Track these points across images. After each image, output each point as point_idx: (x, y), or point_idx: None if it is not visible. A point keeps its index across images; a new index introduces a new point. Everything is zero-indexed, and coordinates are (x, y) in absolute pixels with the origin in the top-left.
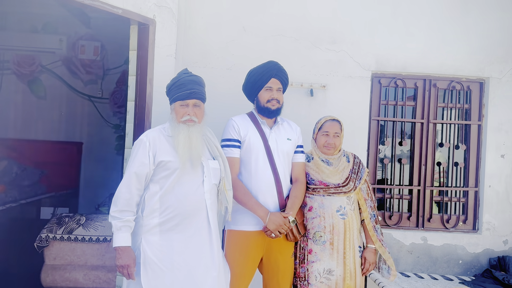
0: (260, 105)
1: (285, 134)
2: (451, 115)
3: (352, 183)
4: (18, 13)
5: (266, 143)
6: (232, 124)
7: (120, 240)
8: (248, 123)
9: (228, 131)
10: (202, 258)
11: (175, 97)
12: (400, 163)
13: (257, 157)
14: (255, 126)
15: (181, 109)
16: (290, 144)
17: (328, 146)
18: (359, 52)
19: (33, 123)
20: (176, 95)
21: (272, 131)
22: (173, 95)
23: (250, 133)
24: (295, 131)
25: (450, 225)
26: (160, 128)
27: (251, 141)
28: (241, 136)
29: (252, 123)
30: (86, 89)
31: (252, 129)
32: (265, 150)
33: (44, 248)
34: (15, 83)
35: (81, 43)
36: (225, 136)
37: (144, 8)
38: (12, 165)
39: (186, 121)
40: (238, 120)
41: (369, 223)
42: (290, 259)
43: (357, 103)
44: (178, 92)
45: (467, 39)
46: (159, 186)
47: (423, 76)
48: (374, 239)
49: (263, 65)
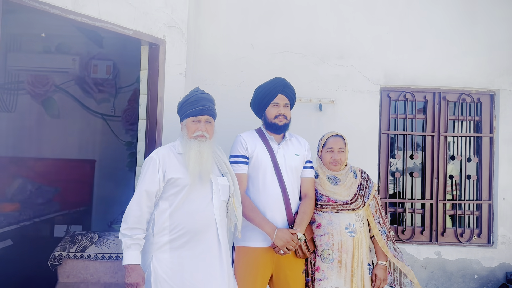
0: (267, 121)
1: (294, 150)
2: (462, 127)
3: (361, 199)
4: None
5: (274, 159)
6: (240, 140)
7: (129, 258)
8: (256, 139)
9: (236, 147)
10: (212, 276)
11: (187, 113)
12: (412, 176)
13: (265, 173)
14: (263, 142)
15: (193, 125)
16: (299, 160)
17: (334, 162)
18: (367, 67)
19: (46, 141)
20: (188, 111)
21: (280, 147)
22: (186, 111)
23: (258, 149)
24: (304, 147)
25: (464, 239)
26: (170, 146)
27: (259, 157)
28: (249, 152)
29: (260, 139)
30: (98, 107)
31: (260, 145)
32: (273, 165)
33: (57, 266)
34: (30, 102)
35: (93, 62)
36: (233, 152)
37: (154, 29)
38: (26, 184)
39: (198, 137)
40: (246, 137)
41: (381, 239)
42: (301, 276)
43: (366, 117)
44: (190, 108)
45: (476, 51)
46: (168, 203)
47: (433, 89)
48: (390, 255)
49: (270, 81)
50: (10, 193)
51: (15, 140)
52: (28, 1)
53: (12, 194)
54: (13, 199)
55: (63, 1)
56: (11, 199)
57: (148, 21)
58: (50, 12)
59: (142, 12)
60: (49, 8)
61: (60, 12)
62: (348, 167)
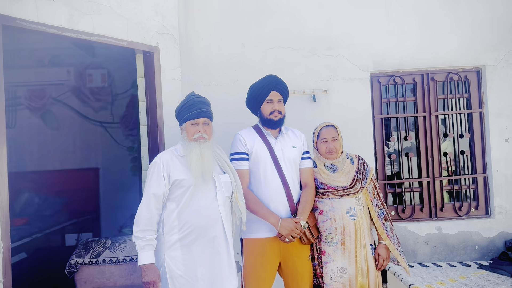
0: (263, 117)
1: (290, 143)
2: (452, 105)
3: (359, 183)
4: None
5: (273, 153)
6: (238, 138)
7: (144, 258)
8: (254, 135)
9: (236, 145)
10: (222, 268)
11: (185, 117)
12: (407, 157)
13: (265, 167)
14: (260, 137)
15: (192, 128)
16: (296, 152)
17: (330, 151)
18: (356, 55)
19: (49, 154)
20: (186, 115)
21: (277, 141)
22: (183, 116)
23: (256, 145)
24: (300, 138)
25: (463, 213)
26: (172, 149)
27: (258, 152)
28: (248, 148)
29: (258, 135)
30: (97, 115)
31: (258, 141)
32: (272, 159)
33: (74, 274)
34: (29, 117)
35: (88, 72)
36: (233, 150)
37: (147, 37)
38: (33, 197)
39: (197, 138)
40: (244, 134)
41: (377, 221)
42: (308, 261)
43: (359, 104)
44: (188, 112)
45: (459, 30)
46: (175, 203)
47: (420, 71)
48: (384, 236)
49: (262, 79)
50: (18, 208)
51: (17, 155)
52: (26, 24)
53: (20, 209)
54: (22, 213)
55: (58, 20)
56: (20, 213)
57: (140, 31)
58: (47, 31)
59: (134, 22)
60: (46, 28)
61: (56, 30)
62: (345, 154)
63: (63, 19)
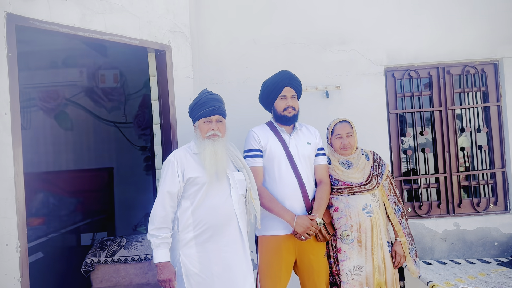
0: (277, 114)
1: (305, 139)
2: (468, 99)
3: (375, 180)
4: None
5: (287, 150)
6: (252, 135)
7: (160, 256)
8: (268, 132)
9: (249, 142)
10: (238, 265)
11: (198, 115)
12: (423, 152)
13: (280, 164)
14: (274, 134)
15: (205, 125)
16: (310, 148)
17: (345, 147)
18: (370, 49)
19: (63, 154)
20: (199, 113)
21: (291, 137)
22: (197, 113)
23: (270, 142)
24: (314, 135)
25: (481, 208)
26: (185, 147)
27: (272, 149)
28: (262, 145)
29: (272, 132)
30: (110, 116)
31: (272, 138)
32: (287, 156)
33: (90, 273)
34: (43, 118)
35: (100, 72)
36: (247, 147)
37: (159, 36)
38: (48, 197)
39: (211, 136)
40: (257, 131)
41: (394, 218)
42: (323, 259)
43: (373, 99)
44: (201, 110)
45: (476, 22)
46: (190, 201)
47: (436, 64)
48: (401, 234)
49: (276, 75)
50: (34, 208)
51: (32, 156)
52: (39, 24)
53: (36, 209)
54: (37, 213)
55: (71, 20)
56: (36, 213)
57: (152, 29)
58: (60, 31)
59: (146, 21)
60: (59, 27)
61: (69, 30)
62: (359, 150)
63: (75, 18)
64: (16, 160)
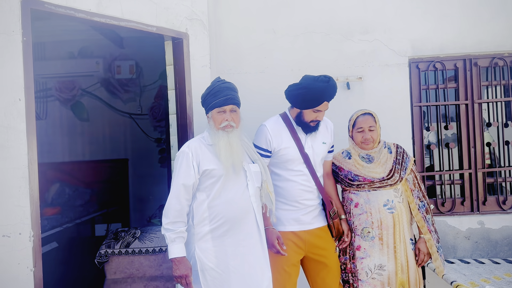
0: (301, 120)
1: (321, 138)
2: (496, 93)
3: (397, 174)
4: (55, 42)
5: (303, 151)
6: (265, 133)
7: (175, 251)
8: (283, 129)
9: (261, 139)
10: (256, 260)
11: (212, 104)
12: (448, 147)
13: (293, 164)
14: (290, 132)
15: (219, 116)
16: (325, 148)
17: (366, 142)
18: (393, 39)
19: (79, 145)
20: (213, 102)
21: (308, 137)
22: (210, 103)
23: (284, 143)
24: (329, 132)
25: (507, 207)
26: (199, 137)
27: (287, 151)
28: (273, 147)
29: (287, 129)
30: (125, 107)
31: (287, 137)
32: (302, 157)
33: (104, 264)
34: (59, 108)
35: (116, 63)
36: (257, 143)
37: (176, 23)
38: (64, 187)
39: (225, 127)
40: (271, 128)
41: (417, 214)
42: (334, 254)
43: (396, 91)
44: (214, 99)
45: (506, 12)
46: (205, 194)
47: (463, 56)
48: (425, 231)
49: (320, 87)
50: (50, 198)
51: (49, 146)
52: (54, 8)
53: (51, 199)
54: (53, 203)
55: (87, 5)
56: (51, 203)
57: (169, 16)
58: (76, 16)
59: (163, 7)
60: (75, 12)
61: (85, 15)
62: (382, 143)
63: (92, 3)
64: (30, 147)
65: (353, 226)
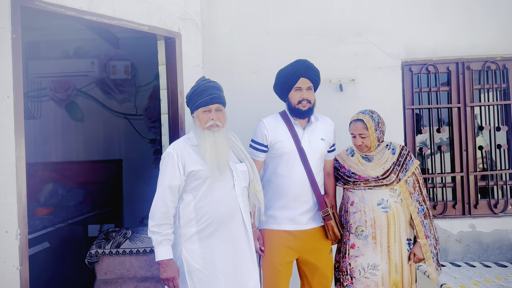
0: (291, 106)
1: (319, 134)
2: (488, 96)
3: (394, 175)
4: (50, 42)
5: (299, 145)
6: (261, 129)
7: (162, 253)
8: (280, 124)
9: (257, 134)
10: (243, 260)
11: (197, 104)
12: (440, 150)
13: (289, 159)
14: (287, 126)
15: (204, 115)
16: (324, 144)
17: (360, 148)
18: (387, 42)
19: (73, 145)
20: (198, 102)
21: (305, 132)
22: (195, 103)
23: (281, 135)
24: (330, 129)
25: (498, 210)
26: (185, 138)
27: (283, 143)
28: (270, 141)
29: (285, 123)
30: (120, 107)
31: (284, 131)
32: (298, 151)
33: (94, 264)
34: (54, 108)
35: (112, 63)
36: (254, 138)
37: (169, 23)
38: (57, 187)
39: (211, 127)
40: (268, 123)
41: (416, 217)
42: (329, 256)
43: (389, 94)
44: (199, 99)
45: (498, 17)
46: (192, 195)
47: (455, 59)
48: (421, 235)
49: (292, 64)
50: (43, 198)
51: (43, 146)
52: (45, 6)
53: (44, 199)
54: (46, 203)
55: (78, 2)
56: (44, 203)
57: (162, 15)
58: (67, 14)
59: (155, 6)
60: (65, 10)
61: (76, 13)
62: (383, 145)
63: (83, 1)
64: (18, 145)
65: (348, 224)
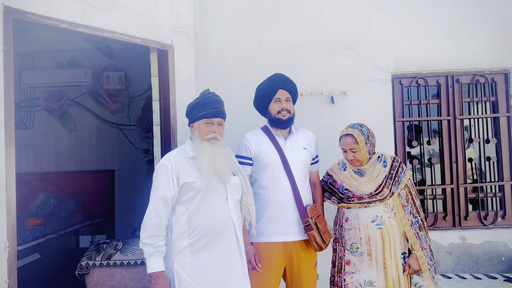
0: (271, 117)
1: (301, 144)
2: (478, 109)
3: (387, 189)
4: (44, 52)
5: (282, 154)
6: (244, 142)
7: (154, 265)
8: (262, 137)
9: (241, 148)
10: (235, 273)
11: (200, 115)
12: (430, 162)
13: (274, 169)
14: (269, 138)
15: (206, 127)
16: (307, 153)
17: (351, 162)
18: (377, 55)
19: (66, 155)
20: (201, 113)
21: (287, 142)
22: (198, 113)
23: (264, 147)
24: (312, 140)
25: (488, 222)
26: (179, 150)
27: (266, 154)
28: (253, 153)
29: (266, 136)
30: (113, 118)
31: (266, 142)
32: (282, 161)
33: (85, 276)
34: (46, 118)
35: (105, 74)
36: (238, 153)
37: (161, 35)
38: (49, 198)
39: (211, 139)
40: (250, 137)
41: (410, 230)
42: (313, 270)
43: (379, 106)
44: (203, 110)
45: (486, 30)
46: (185, 207)
47: (445, 72)
48: (417, 248)
49: (269, 78)
50: (34, 208)
51: (35, 156)
52: (37, 18)
53: (36, 209)
54: (37, 213)
55: (71, 15)
56: (35, 214)
57: (155, 28)
58: (59, 26)
59: (148, 19)
60: (58, 23)
61: (69, 26)
62: (375, 157)
63: (75, 14)
64: (8, 156)
65: (343, 239)
